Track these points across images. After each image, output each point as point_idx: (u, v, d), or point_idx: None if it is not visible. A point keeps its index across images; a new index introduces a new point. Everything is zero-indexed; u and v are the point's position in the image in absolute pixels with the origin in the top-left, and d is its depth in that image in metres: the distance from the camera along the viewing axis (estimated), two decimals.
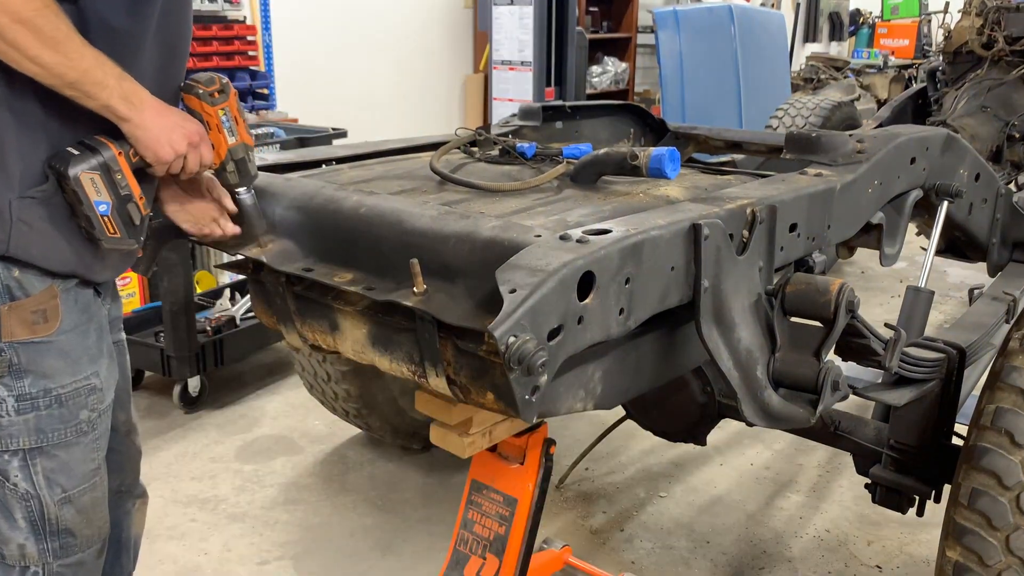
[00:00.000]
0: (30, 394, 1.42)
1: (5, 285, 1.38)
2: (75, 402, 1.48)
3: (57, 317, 1.43)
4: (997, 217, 2.72)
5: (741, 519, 2.92)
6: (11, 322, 1.38)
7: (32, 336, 1.40)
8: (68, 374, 1.46)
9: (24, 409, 1.42)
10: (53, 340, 1.43)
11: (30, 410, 1.43)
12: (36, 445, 1.45)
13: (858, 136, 2.10)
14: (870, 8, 12.81)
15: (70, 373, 1.46)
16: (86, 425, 1.51)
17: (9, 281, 1.38)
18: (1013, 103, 4.74)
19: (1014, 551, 1.72)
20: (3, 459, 1.45)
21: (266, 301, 1.73)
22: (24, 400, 1.42)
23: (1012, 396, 1.81)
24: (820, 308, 1.66)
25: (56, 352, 1.44)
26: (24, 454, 1.45)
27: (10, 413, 1.42)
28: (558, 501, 3.00)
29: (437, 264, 1.40)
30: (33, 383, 1.42)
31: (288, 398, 3.82)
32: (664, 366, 1.70)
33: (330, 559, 2.70)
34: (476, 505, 1.95)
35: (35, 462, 1.46)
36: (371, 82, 6.49)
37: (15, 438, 1.43)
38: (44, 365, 1.43)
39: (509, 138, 2.28)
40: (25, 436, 1.44)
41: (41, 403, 1.44)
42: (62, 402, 1.46)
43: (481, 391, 1.34)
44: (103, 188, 1.37)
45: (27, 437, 1.44)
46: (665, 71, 6.86)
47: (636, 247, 1.37)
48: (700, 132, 2.65)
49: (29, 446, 1.45)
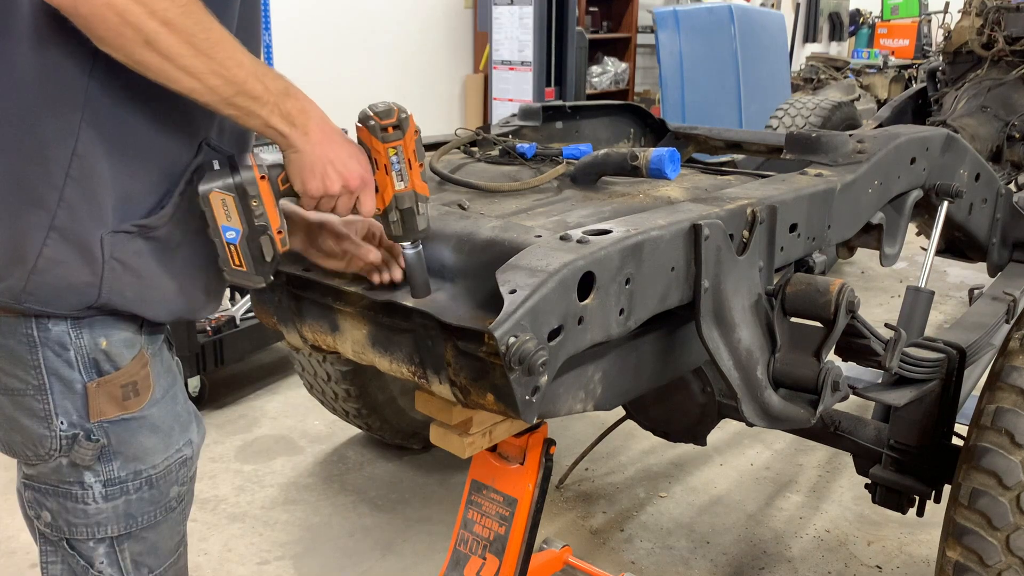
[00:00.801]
0: (119, 478, 1.27)
1: (92, 359, 1.21)
2: (166, 480, 1.33)
3: (149, 388, 1.28)
4: (997, 217, 2.72)
5: (741, 519, 2.92)
6: (99, 400, 1.22)
7: (123, 412, 1.25)
8: (160, 451, 1.31)
9: (112, 495, 1.28)
10: (145, 415, 1.28)
11: (119, 495, 1.28)
12: (125, 532, 1.31)
13: (858, 136, 2.10)
14: (870, 8, 12.82)
15: (162, 450, 1.31)
16: (175, 501, 1.37)
17: (96, 354, 1.21)
18: (1013, 103, 4.74)
19: (1014, 551, 1.72)
20: (88, 547, 1.30)
21: (266, 301, 1.73)
22: (112, 485, 1.27)
23: (1012, 396, 1.81)
24: (820, 308, 1.66)
25: (148, 428, 1.29)
26: (112, 541, 1.31)
27: (97, 500, 1.27)
28: (558, 501, 3.00)
29: (437, 264, 1.40)
30: (123, 466, 1.27)
31: (288, 398, 3.82)
32: (664, 367, 1.70)
33: (330, 559, 2.70)
34: (476, 505, 1.95)
35: (123, 548, 1.32)
36: (371, 82, 6.49)
37: (103, 526, 1.29)
38: (135, 445, 1.27)
39: (509, 138, 2.28)
40: (114, 524, 1.30)
41: (131, 487, 1.29)
42: (153, 483, 1.31)
43: (481, 392, 1.33)
44: (234, 213, 1.19)
45: (115, 524, 1.30)
46: (665, 71, 6.86)
47: (636, 247, 1.37)
48: (700, 132, 2.64)
49: (117, 533, 1.30)
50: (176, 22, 1.05)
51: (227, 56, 1.10)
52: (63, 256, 1.15)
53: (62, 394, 1.21)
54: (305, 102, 1.20)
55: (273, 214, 1.21)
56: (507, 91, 6.70)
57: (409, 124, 1.25)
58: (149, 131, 1.18)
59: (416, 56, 6.94)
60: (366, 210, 1.27)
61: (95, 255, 1.15)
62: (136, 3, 1.02)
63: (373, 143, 1.25)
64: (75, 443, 1.23)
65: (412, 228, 1.30)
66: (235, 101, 1.12)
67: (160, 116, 1.17)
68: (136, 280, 1.19)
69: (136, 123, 1.16)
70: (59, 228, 1.14)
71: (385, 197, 1.28)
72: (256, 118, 1.15)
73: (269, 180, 1.21)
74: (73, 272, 1.16)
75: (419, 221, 1.30)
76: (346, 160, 1.22)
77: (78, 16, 1.04)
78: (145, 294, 1.21)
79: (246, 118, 1.14)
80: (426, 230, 1.32)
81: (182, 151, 1.22)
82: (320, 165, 1.20)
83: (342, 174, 1.21)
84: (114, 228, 1.16)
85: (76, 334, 1.20)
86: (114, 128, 1.15)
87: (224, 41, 1.10)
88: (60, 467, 1.26)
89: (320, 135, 1.20)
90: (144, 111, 1.16)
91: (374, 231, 1.44)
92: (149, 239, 1.19)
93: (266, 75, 1.14)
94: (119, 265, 1.17)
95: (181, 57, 1.06)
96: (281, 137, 1.18)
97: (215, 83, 1.09)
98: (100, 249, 1.15)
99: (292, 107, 1.17)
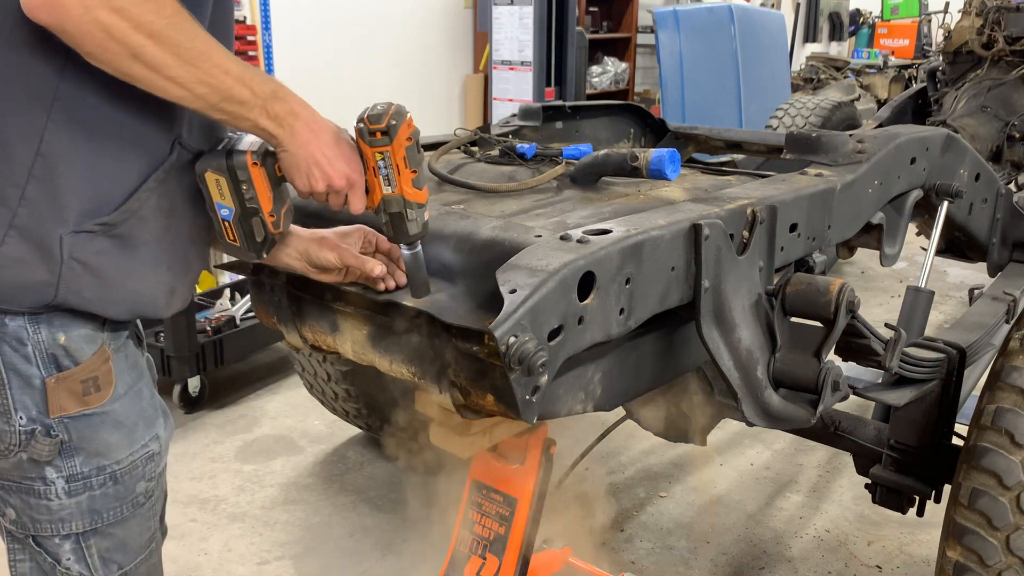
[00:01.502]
0: (82, 474, 1.27)
1: (50, 354, 1.21)
2: (132, 476, 1.33)
3: (111, 383, 1.27)
4: (997, 217, 2.72)
5: (741, 519, 2.92)
6: (59, 395, 1.22)
7: (84, 408, 1.24)
8: (124, 447, 1.30)
9: (76, 491, 1.27)
10: (107, 410, 1.27)
11: (82, 491, 1.28)
12: (90, 527, 1.31)
13: (858, 136, 2.10)
14: (870, 8, 12.81)
15: (127, 445, 1.31)
16: (143, 496, 1.36)
17: (55, 349, 1.21)
18: (1013, 103, 4.73)
19: (1014, 551, 1.72)
20: (54, 543, 1.30)
21: (266, 301, 1.73)
22: (75, 481, 1.27)
23: (1012, 396, 1.81)
24: (820, 308, 1.66)
25: (111, 424, 1.28)
26: (78, 537, 1.31)
27: (60, 496, 1.27)
28: (558, 501, 3.00)
29: (437, 264, 1.40)
30: (85, 462, 1.27)
31: (288, 398, 3.82)
32: (664, 367, 1.70)
33: (330, 559, 2.70)
34: (476, 505, 1.95)
35: (89, 544, 1.32)
36: (371, 82, 6.49)
37: (67, 522, 1.29)
38: (97, 440, 1.27)
39: (509, 138, 2.28)
40: (78, 519, 1.29)
41: (95, 482, 1.28)
42: (117, 479, 1.31)
43: (481, 392, 1.33)
44: (227, 193, 1.25)
45: (80, 520, 1.29)
46: (665, 71, 6.86)
47: (636, 247, 1.37)
48: (700, 132, 2.64)
49: (83, 529, 1.30)
50: (162, 34, 1.07)
51: (213, 64, 1.12)
52: (21, 255, 1.15)
53: (20, 389, 1.21)
54: (294, 103, 1.22)
55: (265, 198, 1.26)
56: (507, 91, 6.70)
57: (400, 131, 1.24)
58: (119, 132, 1.19)
59: (416, 56, 6.94)
60: (355, 208, 1.29)
61: (54, 255, 1.16)
62: (121, 18, 1.04)
63: (362, 146, 1.27)
64: (32, 438, 1.23)
65: (402, 232, 1.31)
66: (222, 107, 1.15)
67: (131, 116, 1.19)
68: (95, 280, 1.20)
69: (106, 124, 1.17)
70: (18, 227, 1.14)
71: (374, 199, 1.29)
72: (245, 120, 1.18)
73: (264, 167, 1.25)
74: (30, 271, 1.16)
75: (409, 226, 1.30)
76: (332, 160, 1.24)
77: (65, 33, 1.05)
78: (105, 294, 1.22)
79: (235, 121, 1.18)
80: (419, 235, 1.32)
81: (154, 149, 1.23)
82: (305, 165, 1.23)
83: (327, 173, 1.24)
84: (75, 228, 1.16)
85: (34, 329, 1.20)
86: (83, 129, 1.16)
87: (210, 50, 1.12)
88: (21, 463, 1.25)
89: (308, 135, 1.22)
90: (115, 112, 1.17)
91: (371, 239, 1.45)
92: (112, 237, 1.20)
93: (253, 79, 1.17)
94: (78, 265, 1.18)
95: (167, 68, 1.09)
96: (270, 137, 1.22)
97: (202, 91, 1.12)
98: (59, 249, 1.16)
99: (280, 109, 1.19)
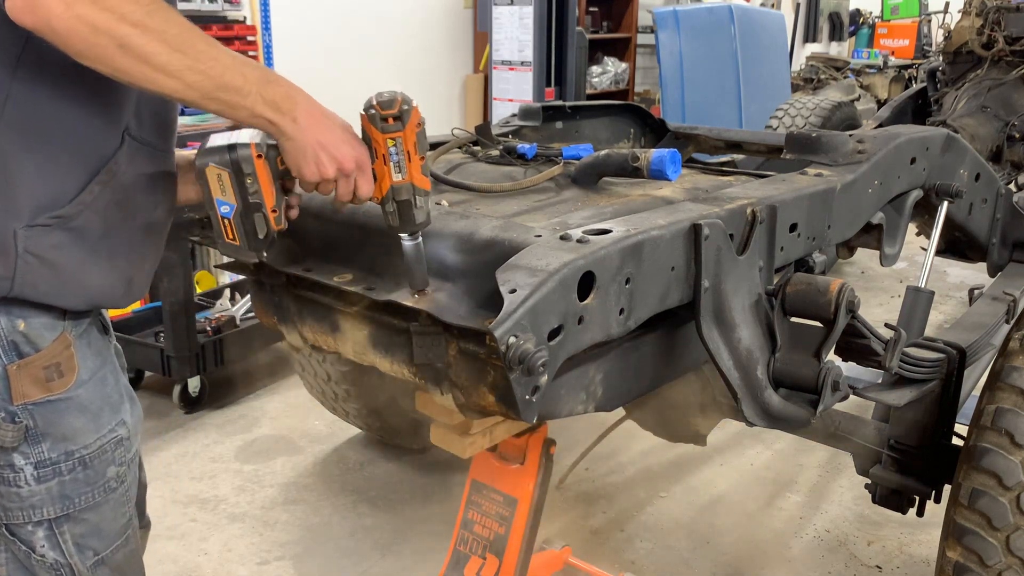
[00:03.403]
0: (50, 459, 1.27)
1: (10, 341, 1.21)
2: (101, 460, 1.33)
3: (73, 369, 1.27)
4: (997, 217, 2.72)
5: (741, 519, 2.92)
6: (21, 382, 1.22)
7: (47, 394, 1.24)
8: (91, 432, 1.31)
9: (45, 477, 1.28)
10: (71, 396, 1.27)
11: (52, 477, 1.28)
12: (62, 513, 1.31)
13: (858, 136, 2.10)
14: (870, 8, 12.81)
15: (93, 430, 1.31)
16: (114, 481, 1.36)
17: (14, 336, 1.21)
18: (1013, 103, 4.73)
19: (1014, 551, 1.72)
20: (27, 531, 1.30)
21: (266, 301, 1.73)
22: (44, 467, 1.27)
23: (1012, 396, 1.81)
24: (820, 308, 1.66)
25: (76, 409, 1.28)
26: (50, 523, 1.31)
27: (30, 483, 1.27)
28: (558, 501, 3.00)
29: (437, 264, 1.40)
30: (52, 447, 1.27)
31: (288, 398, 3.82)
32: (665, 367, 1.70)
33: (330, 559, 2.70)
34: (476, 505, 1.95)
35: (62, 530, 1.32)
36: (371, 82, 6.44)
37: (38, 508, 1.29)
38: (63, 426, 1.27)
39: (509, 138, 2.28)
40: (49, 505, 1.29)
41: (64, 467, 1.29)
42: (87, 464, 1.31)
43: (482, 392, 1.33)
44: (229, 188, 1.21)
45: (51, 506, 1.29)
46: (665, 71, 6.85)
47: (636, 247, 1.37)
48: (700, 132, 2.64)
49: (55, 515, 1.30)
50: (145, 22, 1.07)
51: (201, 51, 1.11)
52: None
53: None
54: (289, 87, 1.20)
55: (268, 192, 1.23)
56: (507, 91, 6.70)
57: (411, 116, 1.24)
58: (70, 126, 1.18)
59: (416, 56, 6.94)
60: (363, 193, 1.27)
61: (8, 249, 1.16)
62: (104, 10, 1.05)
63: (372, 132, 1.24)
64: None
65: (409, 220, 1.30)
66: (217, 95, 1.13)
67: (81, 110, 1.18)
68: (51, 273, 1.20)
69: (56, 120, 1.17)
70: None
71: (383, 187, 1.27)
72: (241, 109, 1.15)
73: (267, 160, 1.22)
74: None
75: (417, 214, 1.30)
76: (338, 143, 1.22)
77: (54, 34, 1.06)
78: (61, 287, 1.21)
79: (231, 111, 1.15)
80: (424, 223, 1.31)
81: (103, 143, 1.22)
82: (312, 150, 1.21)
83: (336, 158, 1.22)
84: (29, 223, 1.17)
85: None
86: (34, 126, 1.16)
87: (196, 37, 1.11)
88: None
89: (309, 120, 1.20)
90: (66, 106, 1.17)
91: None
92: (67, 230, 1.19)
93: (244, 65, 1.15)
94: (34, 259, 1.18)
95: (156, 55, 1.08)
96: (270, 125, 1.19)
97: (194, 79, 1.11)
98: (13, 243, 1.16)
99: (276, 93, 1.18)
